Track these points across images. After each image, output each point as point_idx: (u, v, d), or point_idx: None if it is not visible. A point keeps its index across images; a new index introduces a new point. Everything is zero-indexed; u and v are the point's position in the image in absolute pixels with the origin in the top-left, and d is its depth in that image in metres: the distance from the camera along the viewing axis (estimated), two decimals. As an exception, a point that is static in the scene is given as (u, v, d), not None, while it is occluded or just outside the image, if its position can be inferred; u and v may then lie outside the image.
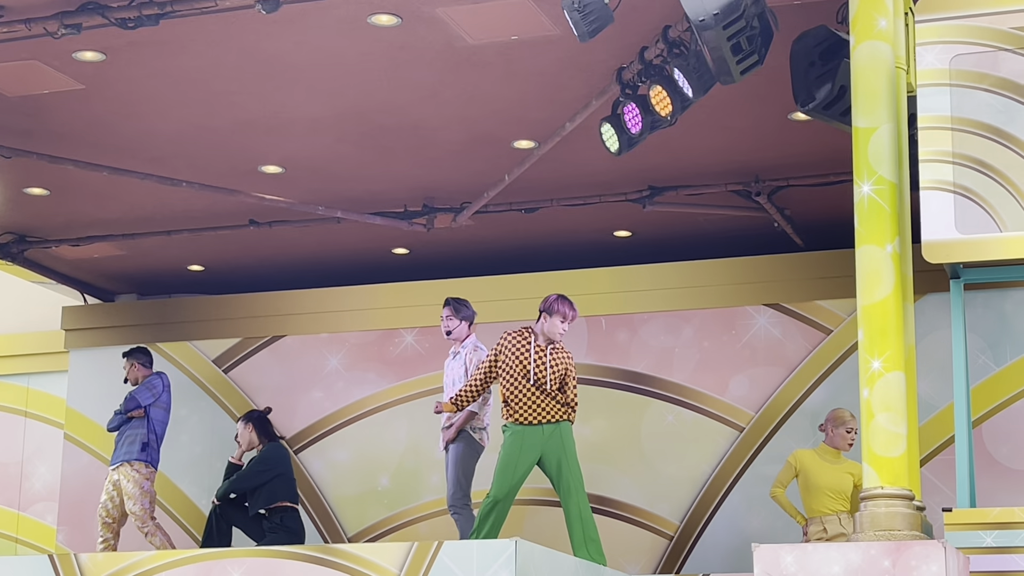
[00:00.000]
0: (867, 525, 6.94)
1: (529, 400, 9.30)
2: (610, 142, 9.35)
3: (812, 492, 9.72)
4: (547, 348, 9.36)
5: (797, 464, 9.80)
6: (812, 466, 9.74)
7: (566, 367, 9.38)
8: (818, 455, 9.80)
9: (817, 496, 9.69)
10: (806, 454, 9.85)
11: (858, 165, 7.21)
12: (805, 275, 11.70)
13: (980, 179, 7.27)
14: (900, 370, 7.03)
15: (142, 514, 11.00)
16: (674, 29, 8.71)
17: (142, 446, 11.08)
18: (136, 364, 11.44)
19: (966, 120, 7.34)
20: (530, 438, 9.28)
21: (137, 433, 11.13)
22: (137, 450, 11.07)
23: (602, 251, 12.44)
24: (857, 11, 7.30)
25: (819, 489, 9.67)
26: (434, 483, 12.01)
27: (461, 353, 10.19)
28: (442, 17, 8.67)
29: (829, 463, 9.74)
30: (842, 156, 8.01)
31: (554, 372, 9.32)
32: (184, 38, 8.93)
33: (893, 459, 6.96)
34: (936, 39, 7.42)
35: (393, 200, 11.64)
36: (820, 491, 9.67)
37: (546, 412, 9.31)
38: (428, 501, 12.08)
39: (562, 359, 9.38)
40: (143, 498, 11.03)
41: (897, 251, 7.13)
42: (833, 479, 9.65)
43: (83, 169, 10.81)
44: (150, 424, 11.16)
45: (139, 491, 11.01)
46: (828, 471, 9.70)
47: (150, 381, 11.31)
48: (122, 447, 11.14)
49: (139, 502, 11.00)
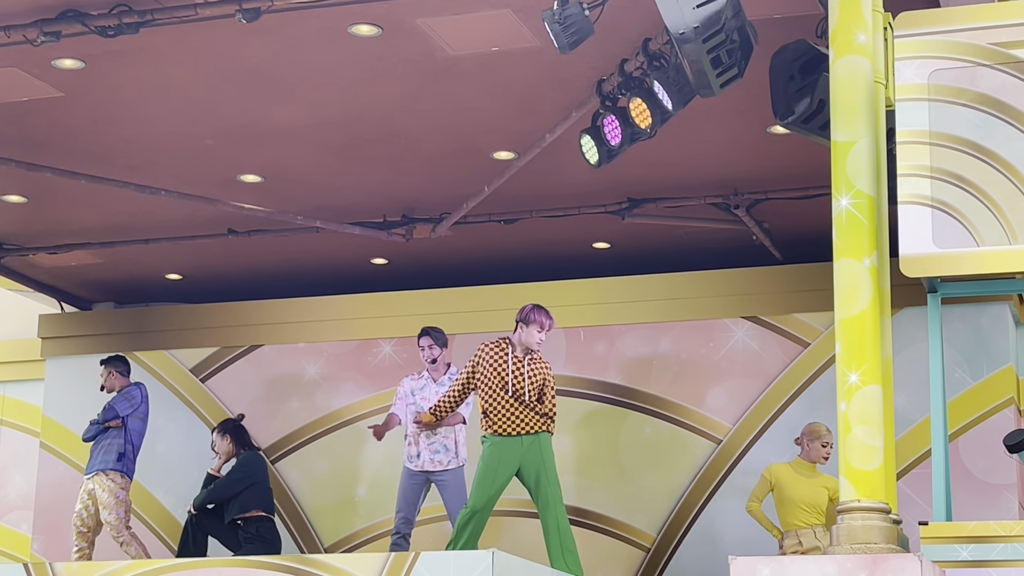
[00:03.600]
0: (844, 538, 6.94)
1: (507, 411, 9.29)
2: (589, 154, 9.36)
3: (787, 506, 9.74)
4: (525, 359, 9.36)
5: (772, 478, 9.82)
6: (787, 480, 9.76)
7: (544, 377, 9.38)
8: (793, 469, 9.82)
9: (792, 510, 9.71)
10: (781, 468, 9.86)
11: (836, 179, 7.22)
12: (783, 288, 11.73)
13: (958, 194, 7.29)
14: (877, 383, 7.04)
15: (117, 524, 10.95)
16: (654, 42, 8.73)
17: (118, 456, 11.03)
18: (114, 372, 11.40)
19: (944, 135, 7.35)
20: (509, 449, 9.27)
21: (113, 443, 11.08)
22: (113, 460, 11.03)
23: (581, 263, 12.45)
24: (836, 25, 7.32)
25: (794, 503, 9.69)
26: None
27: (445, 383, 10.39)
28: (422, 28, 8.67)
29: (804, 477, 9.76)
30: (821, 170, 8.03)
31: (532, 383, 9.32)
32: (164, 47, 8.91)
33: (870, 472, 6.97)
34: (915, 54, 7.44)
35: (372, 210, 11.64)
36: (795, 505, 9.69)
37: (525, 423, 9.30)
38: (405, 512, 12.04)
39: (540, 369, 9.38)
40: (118, 508, 10.98)
41: (875, 265, 7.15)
42: (808, 493, 9.66)
43: (61, 177, 10.78)
44: (127, 434, 11.11)
45: (114, 500, 10.97)
46: (803, 485, 9.72)
47: (129, 391, 11.26)
48: (97, 456, 11.09)
49: (114, 512, 10.96)
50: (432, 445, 10.38)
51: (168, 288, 13.37)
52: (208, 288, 13.27)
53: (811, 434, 9.85)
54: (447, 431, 10.38)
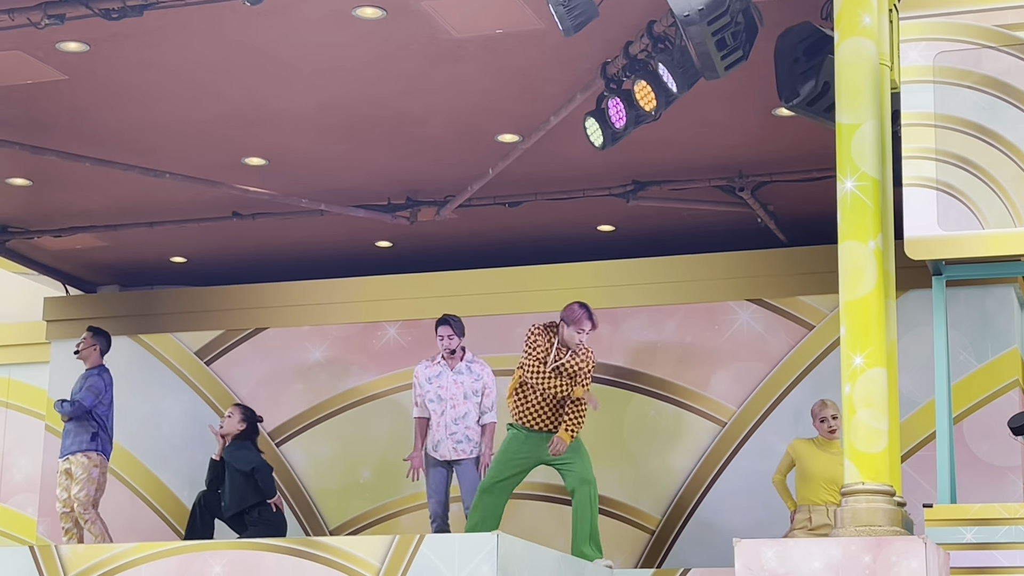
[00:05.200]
0: (848, 520, 6.96)
1: (537, 407, 9.46)
2: (594, 136, 9.36)
3: (805, 481, 9.89)
4: (567, 352, 9.47)
5: (793, 453, 10.02)
6: (807, 455, 9.92)
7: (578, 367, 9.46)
8: (815, 445, 9.99)
9: (809, 485, 9.85)
10: (802, 443, 10.04)
11: (841, 161, 7.22)
12: (788, 271, 11.72)
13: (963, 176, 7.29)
14: (882, 366, 7.05)
15: (85, 500, 10.97)
16: (659, 24, 8.71)
17: (92, 436, 11.07)
18: (97, 348, 11.37)
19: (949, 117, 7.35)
20: (532, 443, 9.51)
21: (84, 424, 11.09)
22: (87, 440, 11.06)
23: (585, 245, 12.44)
24: (841, 7, 7.32)
25: (812, 478, 9.84)
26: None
27: (472, 369, 10.42)
28: (427, 10, 8.66)
29: (825, 453, 9.91)
30: (826, 152, 8.03)
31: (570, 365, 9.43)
32: (168, 29, 8.91)
33: (874, 455, 6.98)
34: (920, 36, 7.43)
35: (377, 193, 11.63)
36: (813, 480, 9.83)
37: (550, 422, 9.50)
38: (410, 494, 12.06)
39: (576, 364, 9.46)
40: (89, 485, 11.01)
41: (880, 247, 7.15)
42: (826, 468, 9.79)
43: (66, 160, 10.78)
44: (97, 419, 11.12)
45: (86, 477, 11.00)
46: (822, 461, 9.85)
47: (93, 383, 11.18)
48: (70, 437, 11.12)
49: (85, 488, 10.98)
50: (455, 435, 10.36)
51: (173, 271, 13.37)
52: (213, 271, 13.27)
53: (812, 413, 10.05)
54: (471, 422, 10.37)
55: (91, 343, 11.38)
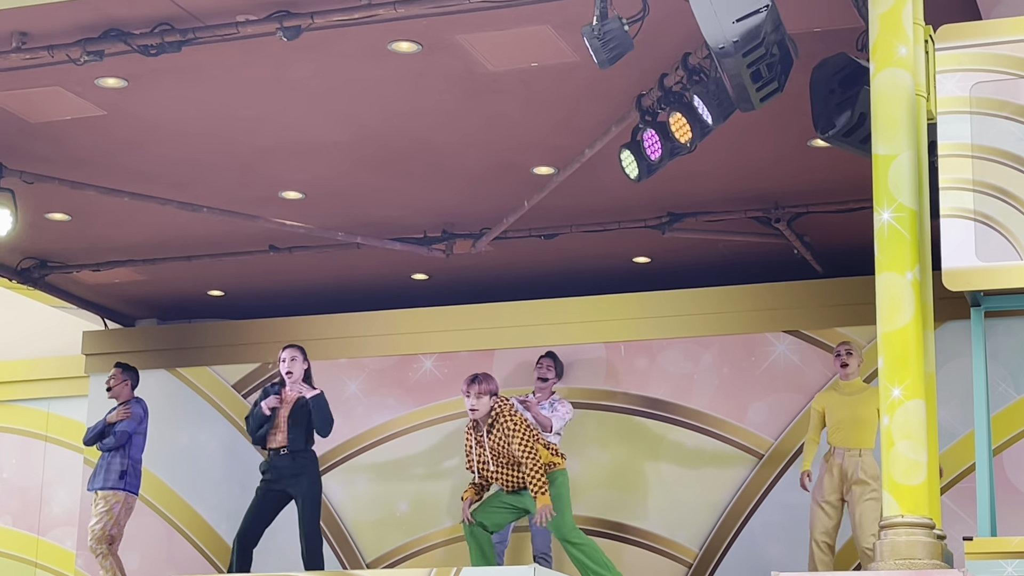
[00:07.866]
0: (887, 554, 6.91)
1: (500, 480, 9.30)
2: (629, 169, 9.36)
3: (831, 428, 10.32)
4: (487, 429, 9.25)
5: (819, 406, 10.45)
6: (830, 403, 10.39)
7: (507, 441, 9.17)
8: (835, 390, 10.44)
9: (833, 431, 10.28)
10: (823, 394, 10.55)
11: (878, 192, 7.19)
12: (825, 302, 11.68)
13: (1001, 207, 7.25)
14: (920, 398, 7.01)
15: (100, 534, 10.99)
16: (694, 56, 8.72)
17: (120, 474, 11.09)
18: (128, 382, 11.41)
19: (987, 148, 7.32)
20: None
21: (115, 460, 11.10)
22: (115, 478, 11.07)
23: (621, 277, 12.43)
24: (877, 39, 7.30)
25: (837, 424, 10.26)
26: (452, 509, 12.00)
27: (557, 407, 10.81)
28: (462, 44, 8.69)
29: (845, 395, 10.33)
30: (862, 183, 8.00)
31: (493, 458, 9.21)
32: (205, 65, 8.97)
33: (913, 487, 6.93)
34: (956, 67, 7.41)
35: (413, 226, 11.66)
36: (836, 426, 10.26)
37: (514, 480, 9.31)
38: (447, 527, 12.06)
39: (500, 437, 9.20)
40: (106, 518, 11.02)
41: (917, 278, 7.12)
42: (847, 411, 10.22)
43: (104, 195, 10.85)
44: (130, 450, 11.13)
45: (106, 510, 11.02)
46: (842, 404, 10.30)
47: (135, 411, 11.24)
48: (100, 475, 11.14)
49: (101, 521, 11.01)
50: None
51: (210, 304, 13.43)
52: (250, 304, 13.32)
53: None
54: None
55: (122, 379, 11.42)
